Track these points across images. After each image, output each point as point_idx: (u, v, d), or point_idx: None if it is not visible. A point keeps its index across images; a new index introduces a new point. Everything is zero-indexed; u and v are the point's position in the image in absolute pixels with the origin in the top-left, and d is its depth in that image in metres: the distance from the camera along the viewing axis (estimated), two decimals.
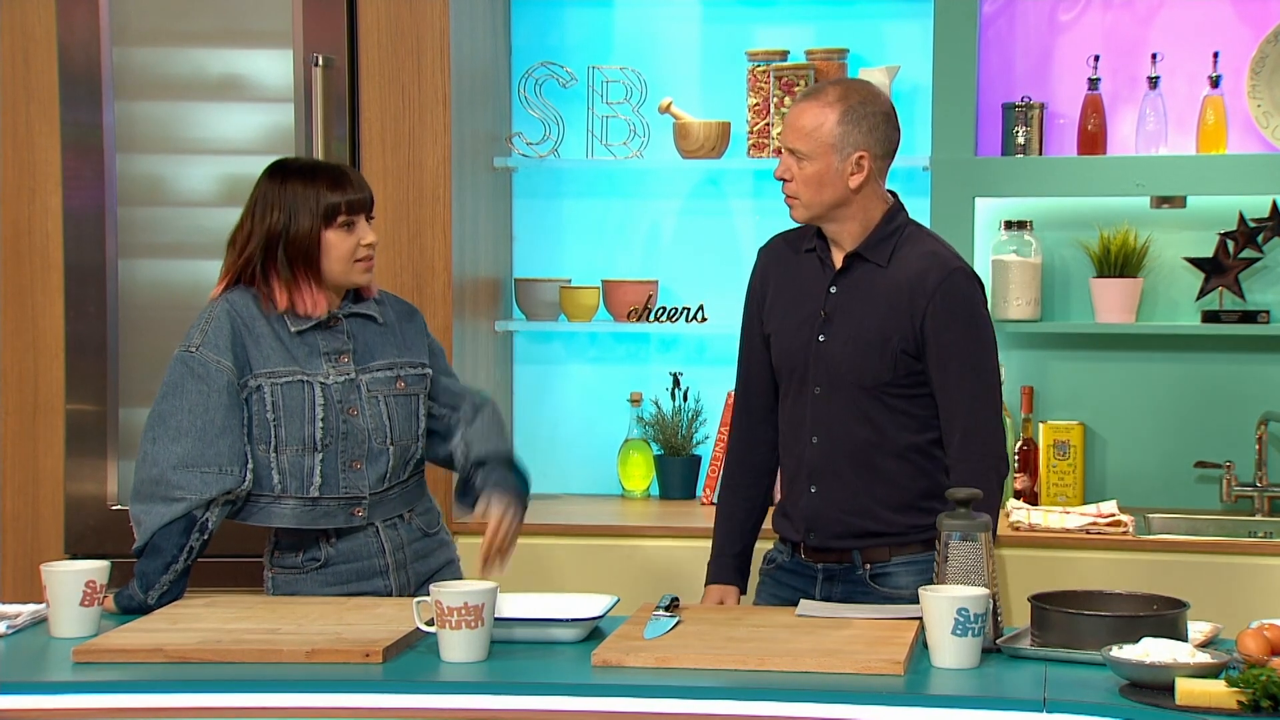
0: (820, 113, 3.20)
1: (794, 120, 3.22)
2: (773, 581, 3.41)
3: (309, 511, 3.26)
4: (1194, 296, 4.54)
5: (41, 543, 4.30)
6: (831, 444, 3.27)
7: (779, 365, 3.33)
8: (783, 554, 3.40)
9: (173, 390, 3.22)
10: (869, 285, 3.25)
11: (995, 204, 4.55)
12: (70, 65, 4.27)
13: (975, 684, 2.68)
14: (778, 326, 3.33)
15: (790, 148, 3.22)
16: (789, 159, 3.23)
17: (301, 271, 3.26)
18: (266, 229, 3.25)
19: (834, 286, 3.28)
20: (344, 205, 3.25)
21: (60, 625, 2.99)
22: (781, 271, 3.35)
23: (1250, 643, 2.67)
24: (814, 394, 3.27)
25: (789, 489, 3.36)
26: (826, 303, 3.27)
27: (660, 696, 2.64)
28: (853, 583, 3.31)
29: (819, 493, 3.29)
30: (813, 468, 3.29)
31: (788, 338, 3.31)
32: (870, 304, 3.24)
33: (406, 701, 2.67)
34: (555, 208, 4.82)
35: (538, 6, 4.78)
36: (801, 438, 3.30)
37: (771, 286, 3.36)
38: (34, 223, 4.30)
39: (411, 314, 3.45)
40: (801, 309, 3.30)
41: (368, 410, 3.29)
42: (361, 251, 3.28)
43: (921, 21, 4.57)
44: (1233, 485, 4.46)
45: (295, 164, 3.34)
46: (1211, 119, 4.45)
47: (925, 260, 3.24)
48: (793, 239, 3.39)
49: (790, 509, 3.35)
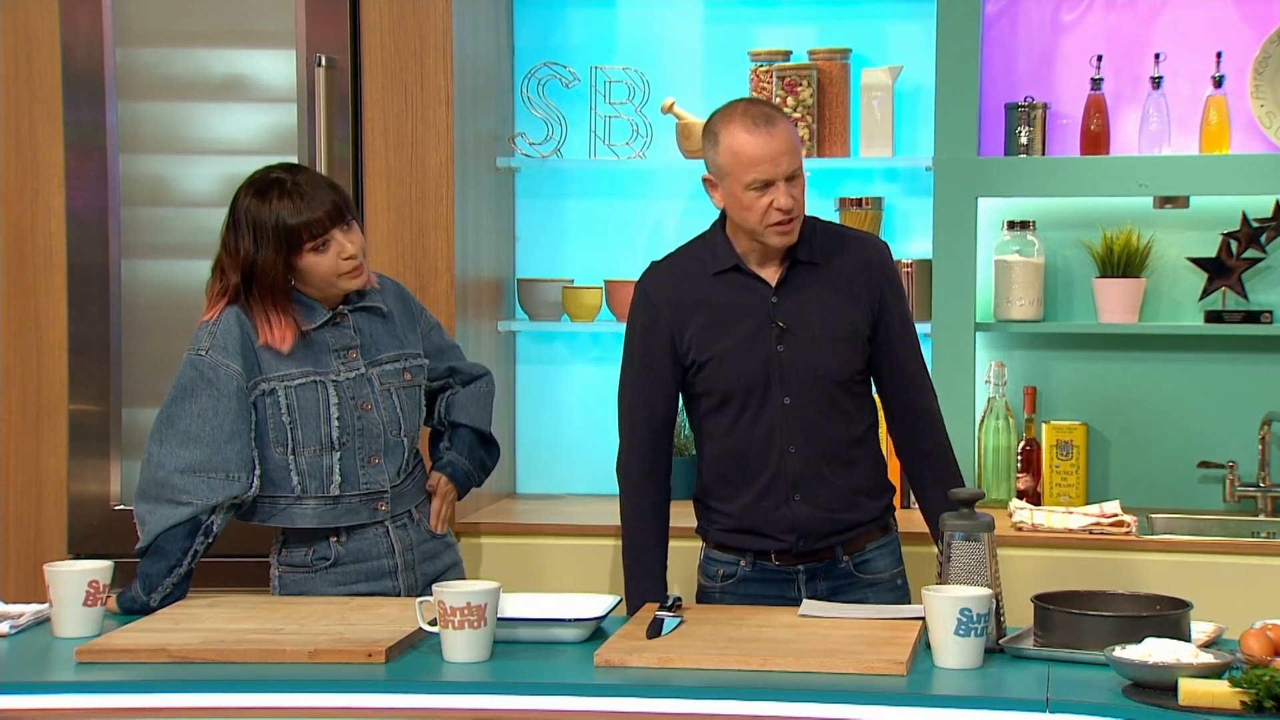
0: (788, 124, 3.24)
1: (782, 145, 3.19)
2: (735, 595, 3.37)
3: (330, 510, 3.27)
4: (1197, 297, 4.54)
5: (44, 543, 4.30)
6: (811, 449, 3.29)
7: (725, 388, 3.30)
8: (740, 565, 3.37)
9: (183, 393, 3.22)
10: (812, 286, 3.29)
11: (998, 204, 4.55)
12: (73, 65, 4.27)
13: (978, 684, 2.68)
14: (718, 351, 3.29)
15: (790, 173, 3.20)
16: (785, 186, 3.19)
17: (270, 304, 3.22)
18: (240, 259, 3.22)
19: (775, 296, 3.28)
20: (305, 230, 3.19)
21: (63, 625, 3.00)
22: (693, 300, 3.31)
23: (1253, 643, 2.67)
24: (783, 404, 3.28)
25: (754, 504, 3.32)
26: (775, 313, 3.27)
27: (663, 696, 2.64)
28: (836, 576, 3.34)
29: (804, 499, 3.30)
30: (795, 478, 3.30)
31: (737, 359, 3.28)
32: (824, 302, 3.28)
33: (409, 701, 2.68)
34: (558, 208, 4.82)
35: (540, 6, 4.79)
36: (773, 449, 3.29)
37: (687, 317, 3.31)
38: (37, 223, 4.30)
39: (405, 298, 3.44)
40: (745, 327, 3.28)
41: (381, 404, 3.29)
42: (344, 265, 3.24)
43: (924, 21, 4.57)
44: (1236, 485, 4.46)
45: (262, 182, 3.24)
46: (1214, 119, 4.44)
47: (857, 246, 3.35)
48: (679, 268, 3.36)
49: (762, 522, 3.32)
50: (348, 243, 3.23)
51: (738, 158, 3.20)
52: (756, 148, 3.18)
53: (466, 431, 3.49)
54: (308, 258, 3.21)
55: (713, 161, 3.27)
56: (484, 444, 3.53)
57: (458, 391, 3.50)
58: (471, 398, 3.50)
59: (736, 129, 3.21)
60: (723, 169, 3.24)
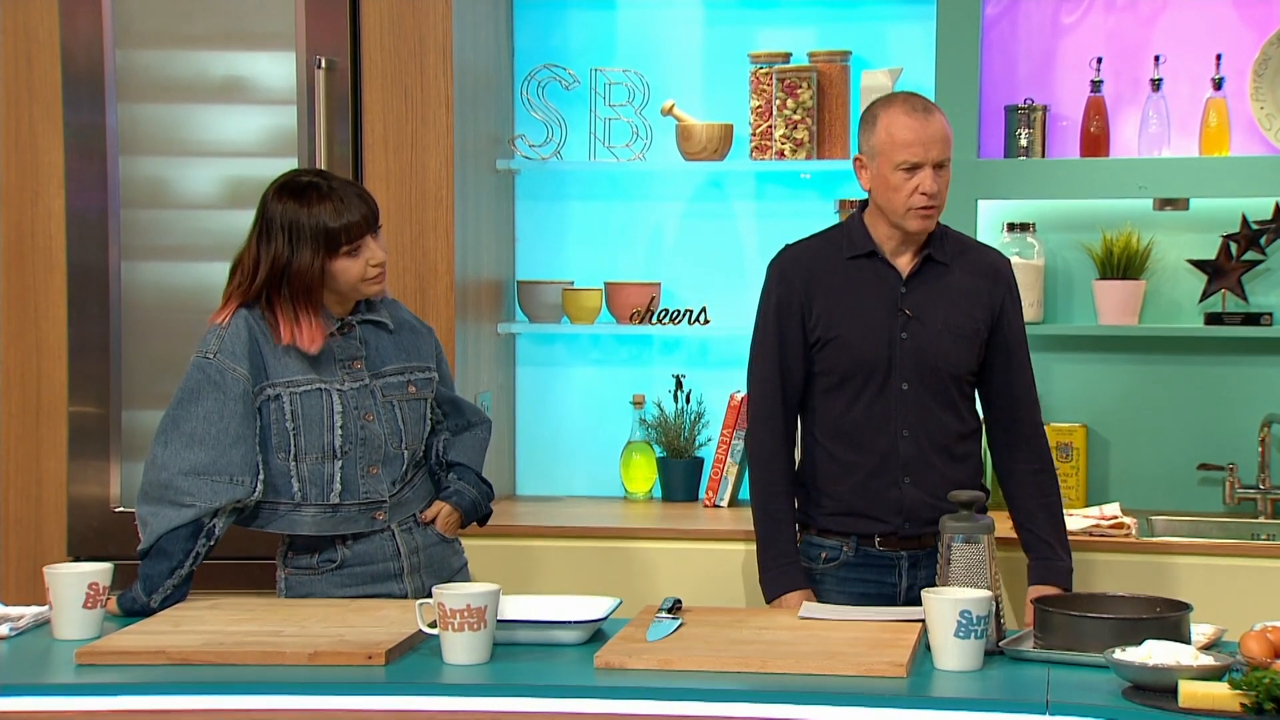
0: (944, 121, 3.39)
1: (936, 132, 3.36)
2: (835, 579, 3.47)
3: (330, 518, 3.27)
4: (1197, 299, 4.54)
5: (44, 545, 4.30)
6: (925, 434, 3.43)
7: (846, 368, 3.43)
8: (844, 550, 3.46)
9: (189, 396, 3.22)
10: (941, 282, 3.45)
11: (998, 206, 4.55)
12: (73, 67, 4.27)
13: (978, 686, 2.68)
14: (845, 331, 3.43)
15: (942, 159, 3.36)
16: (932, 172, 3.34)
17: (303, 305, 3.24)
18: (271, 260, 3.23)
19: (905, 287, 3.42)
20: (344, 234, 3.22)
21: (63, 627, 2.99)
22: (826, 280, 3.46)
23: (1253, 645, 2.67)
24: (900, 389, 3.41)
25: (864, 485, 3.44)
26: (904, 302, 3.42)
27: (663, 699, 2.64)
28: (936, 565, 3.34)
29: (913, 483, 3.43)
30: (906, 460, 3.43)
31: (862, 339, 3.42)
32: (950, 299, 3.44)
33: (409, 704, 2.68)
34: (558, 210, 4.82)
35: (540, 8, 4.79)
36: (888, 432, 3.43)
37: (818, 295, 3.45)
38: (36, 225, 4.30)
39: (426, 330, 3.46)
40: (873, 311, 3.43)
41: (383, 415, 3.30)
42: (371, 271, 3.27)
43: (924, 23, 4.57)
44: (1236, 487, 4.46)
45: (297, 185, 3.26)
46: (1214, 121, 4.44)
47: (985, 254, 3.55)
48: (815, 249, 3.52)
49: (870, 504, 3.44)
50: (378, 250, 3.28)
51: (893, 138, 3.36)
52: (911, 130, 3.35)
53: (465, 469, 3.49)
54: (341, 261, 3.23)
55: (866, 142, 3.42)
56: (481, 482, 3.53)
57: (453, 436, 3.50)
58: (469, 443, 3.51)
59: (897, 111, 3.38)
60: (876, 149, 3.39)
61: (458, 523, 3.43)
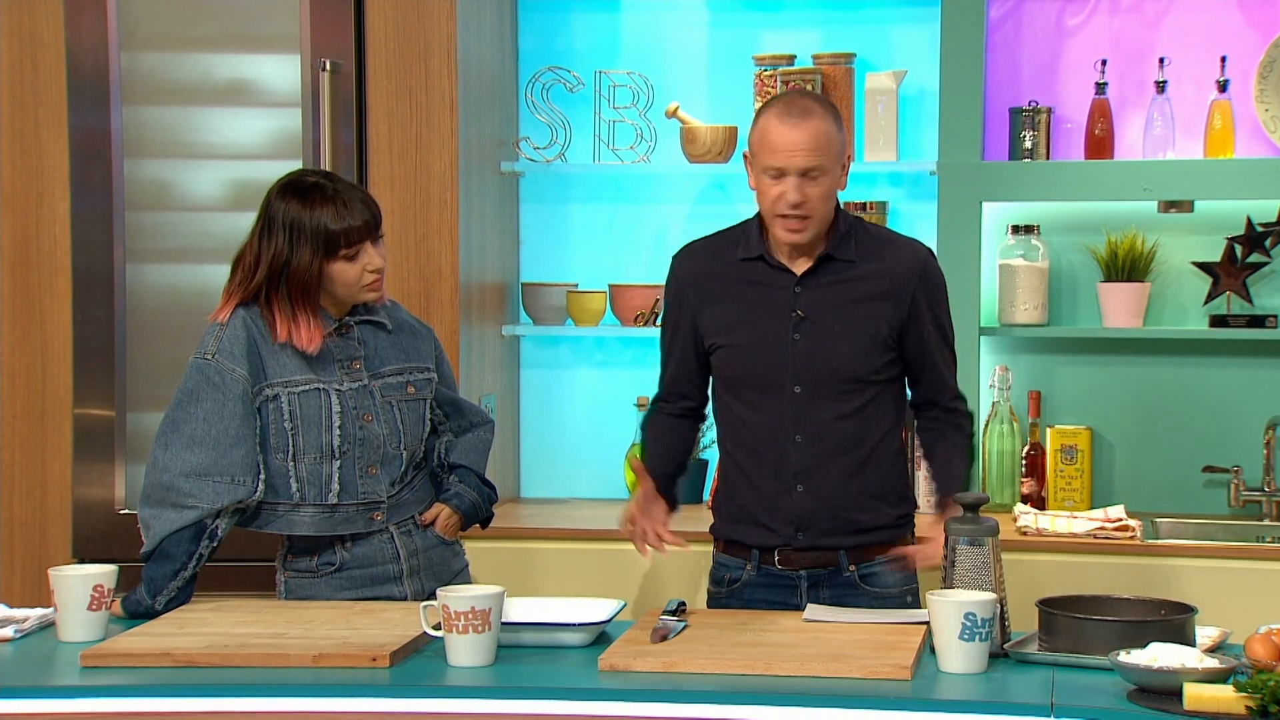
0: (825, 124, 3.20)
1: (804, 140, 3.17)
2: (740, 601, 3.35)
3: (328, 518, 3.27)
4: (1201, 301, 4.54)
5: (49, 547, 4.30)
6: (818, 440, 3.28)
7: (737, 372, 3.32)
8: (745, 570, 3.35)
9: (188, 397, 3.22)
10: (839, 281, 3.29)
11: (1002, 208, 4.55)
12: (78, 70, 4.28)
13: (982, 689, 2.68)
14: (735, 335, 3.31)
15: (807, 167, 3.18)
16: (799, 181, 3.19)
17: (300, 304, 3.24)
18: (271, 257, 3.23)
19: (799, 287, 3.29)
20: (344, 237, 3.22)
21: (68, 629, 2.99)
22: (716, 284, 3.34)
23: (1258, 647, 2.67)
24: (794, 393, 3.28)
25: (758, 493, 3.32)
26: (797, 303, 3.28)
27: (667, 701, 2.64)
28: (840, 586, 3.30)
29: (807, 491, 3.28)
30: (798, 467, 3.29)
31: (749, 343, 3.30)
32: (849, 298, 3.28)
33: (413, 706, 2.68)
34: (562, 212, 4.82)
35: (545, 11, 4.79)
36: (781, 438, 3.29)
37: (707, 300, 3.34)
38: (42, 227, 4.30)
39: (426, 330, 3.46)
40: (762, 314, 3.30)
41: (382, 416, 3.30)
42: (368, 278, 3.26)
43: (928, 26, 4.57)
44: (1241, 490, 4.45)
45: (302, 185, 3.26)
46: (1219, 123, 4.44)
47: (903, 249, 3.34)
48: (711, 249, 3.39)
49: (763, 513, 3.32)
50: (376, 256, 3.27)
51: (763, 141, 3.22)
52: (778, 136, 3.19)
53: (467, 471, 3.49)
54: (338, 264, 3.23)
55: (749, 140, 3.30)
56: (483, 484, 3.52)
57: (455, 436, 3.49)
58: (471, 444, 3.50)
59: (772, 113, 3.23)
60: (751, 149, 3.28)
61: (457, 525, 3.43)
